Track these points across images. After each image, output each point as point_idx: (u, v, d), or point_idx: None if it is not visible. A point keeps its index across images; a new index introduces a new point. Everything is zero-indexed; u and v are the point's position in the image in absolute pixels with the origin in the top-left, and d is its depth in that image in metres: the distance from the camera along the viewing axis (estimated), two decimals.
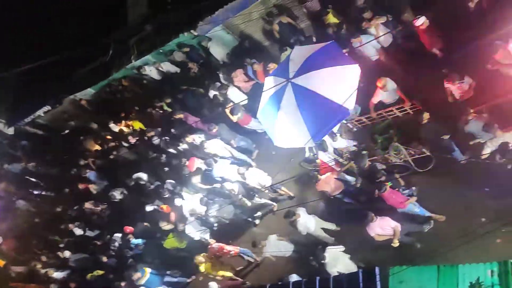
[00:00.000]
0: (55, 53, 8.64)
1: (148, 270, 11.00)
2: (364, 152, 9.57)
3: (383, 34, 9.79)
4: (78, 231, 13.54)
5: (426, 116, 8.53)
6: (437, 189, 8.99)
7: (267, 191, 11.14)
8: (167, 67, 13.98)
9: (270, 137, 8.18)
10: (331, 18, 10.95)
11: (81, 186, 14.30)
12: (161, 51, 13.70)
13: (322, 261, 8.64)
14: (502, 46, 7.77)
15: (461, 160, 8.74)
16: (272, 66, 10.86)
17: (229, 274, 10.36)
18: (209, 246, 10.50)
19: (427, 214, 8.79)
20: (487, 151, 7.71)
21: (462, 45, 9.28)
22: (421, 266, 7.40)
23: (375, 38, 9.79)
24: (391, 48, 10.38)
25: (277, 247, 9.79)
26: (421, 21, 9.07)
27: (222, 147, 11.61)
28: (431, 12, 9.02)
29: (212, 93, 12.59)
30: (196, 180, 11.59)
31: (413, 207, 8.68)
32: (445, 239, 7.81)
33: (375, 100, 9.50)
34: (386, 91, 9.33)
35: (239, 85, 12.09)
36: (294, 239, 10.03)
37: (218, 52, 13.37)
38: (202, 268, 10.10)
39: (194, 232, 11.00)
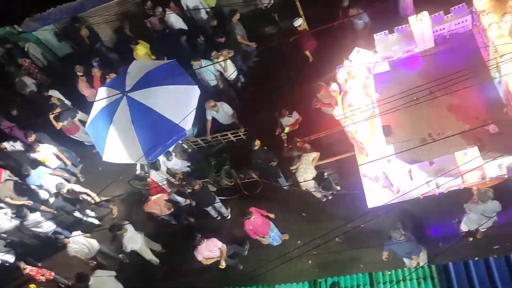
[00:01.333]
0: None
1: None
2: (197, 173, 9.61)
3: (216, 62, 10.02)
4: None
5: (257, 143, 8.99)
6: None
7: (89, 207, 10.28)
8: None
9: (98, 151, 7.57)
10: (140, 50, 10.96)
11: None
12: None
13: (87, 283, 8.24)
14: (324, 87, 8.73)
15: (285, 186, 9.44)
16: (113, 75, 10.24)
17: None
18: (26, 272, 9.16)
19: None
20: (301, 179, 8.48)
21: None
22: (242, 287, 7.62)
23: (212, 64, 9.99)
24: (232, 79, 10.75)
25: (82, 244, 9.12)
26: (299, 22, 9.60)
27: (53, 154, 10.46)
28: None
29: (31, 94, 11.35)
30: (5, 192, 10.03)
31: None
32: (265, 261, 8.22)
33: (208, 116, 9.68)
34: (216, 112, 9.59)
35: (84, 94, 11.06)
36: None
37: (38, 52, 12.24)
38: None
39: None
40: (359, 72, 7.99)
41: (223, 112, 9.64)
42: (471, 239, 7.62)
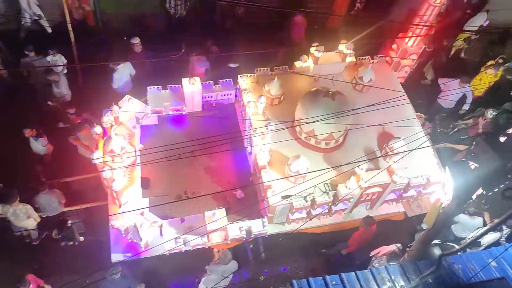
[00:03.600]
0: None
1: None
2: None
3: None
4: None
5: None
6: None
7: None
8: None
9: None
10: None
11: None
12: None
13: None
14: (87, 128, 8.08)
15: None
16: None
17: None
18: None
19: None
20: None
21: None
22: None
23: None
24: None
25: None
26: (136, 40, 9.51)
27: None
28: None
29: None
30: None
31: None
32: None
33: None
34: None
35: None
36: None
37: None
38: None
39: None
40: (126, 119, 7.78)
41: None
42: None
